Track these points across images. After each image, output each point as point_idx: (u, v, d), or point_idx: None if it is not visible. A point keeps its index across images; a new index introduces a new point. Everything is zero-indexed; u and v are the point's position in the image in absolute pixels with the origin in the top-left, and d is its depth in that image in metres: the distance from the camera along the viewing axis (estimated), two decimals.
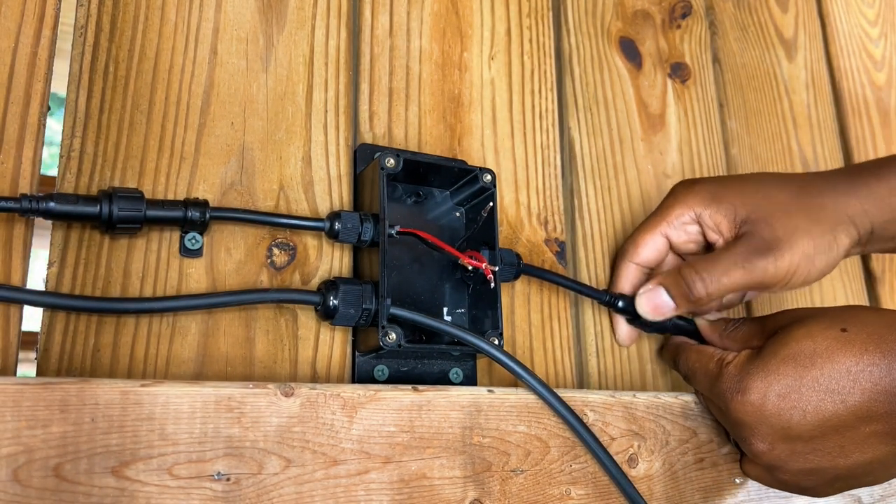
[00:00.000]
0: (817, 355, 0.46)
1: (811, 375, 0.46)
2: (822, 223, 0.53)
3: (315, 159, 0.50)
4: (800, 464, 0.48)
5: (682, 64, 0.72)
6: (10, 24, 0.42)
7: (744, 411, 0.48)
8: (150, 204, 0.42)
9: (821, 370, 0.46)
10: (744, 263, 0.52)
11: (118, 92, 0.45)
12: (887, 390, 0.44)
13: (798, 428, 0.47)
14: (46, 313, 0.41)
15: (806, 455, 0.48)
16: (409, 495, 0.43)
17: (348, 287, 0.45)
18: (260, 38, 0.51)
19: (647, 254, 0.57)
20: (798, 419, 0.46)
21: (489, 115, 0.59)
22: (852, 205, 0.55)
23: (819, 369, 0.46)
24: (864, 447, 0.46)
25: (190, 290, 0.44)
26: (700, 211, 0.55)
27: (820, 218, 0.54)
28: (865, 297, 0.78)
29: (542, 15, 0.64)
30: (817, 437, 0.47)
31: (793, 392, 0.46)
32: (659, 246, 0.57)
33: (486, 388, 0.47)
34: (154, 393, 0.37)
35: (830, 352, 0.46)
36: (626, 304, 0.56)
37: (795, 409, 0.46)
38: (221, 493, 0.38)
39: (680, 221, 0.56)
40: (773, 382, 0.47)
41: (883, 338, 0.45)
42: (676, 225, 0.56)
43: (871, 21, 0.92)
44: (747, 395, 0.48)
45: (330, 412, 0.41)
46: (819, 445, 0.47)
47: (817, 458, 0.48)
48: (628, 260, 0.58)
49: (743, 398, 0.48)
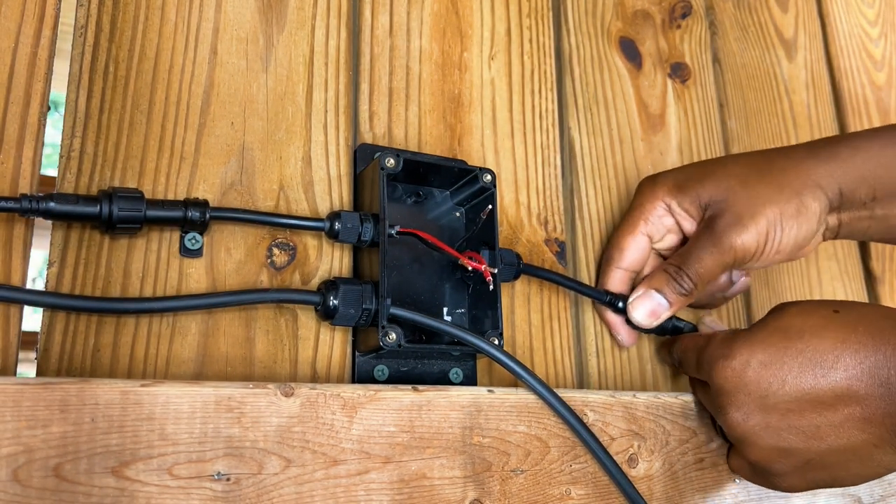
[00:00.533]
0: (805, 330, 0.46)
1: (796, 347, 0.46)
2: (785, 189, 0.53)
3: (315, 159, 0.50)
4: (773, 440, 0.47)
5: (682, 64, 0.72)
6: (10, 24, 0.42)
7: (724, 377, 0.48)
8: (150, 204, 0.42)
9: (807, 343, 0.46)
10: (712, 248, 0.52)
11: (118, 92, 0.45)
12: (870, 372, 0.44)
13: (775, 397, 0.46)
14: (46, 313, 0.41)
15: (780, 431, 0.47)
16: (409, 495, 0.43)
17: (348, 287, 0.45)
18: (260, 38, 0.51)
19: (632, 257, 0.57)
20: (776, 388, 0.46)
21: (489, 115, 0.59)
22: (816, 168, 0.54)
23: (805, 342, 0.46)
24: (839, 431, 0.45)
25: (190, 290, 0.44)
26: (669, 201, 0.56)
27: (783, 184, 0.53)
28: (865, 296, 0.78)
29: (542, 15, 0.64)
30: (794, 410, 0.46)
31: (775, 361, 0.46)
32: (643, 246, 0.57)
33: (486, 388, 0.47)
34: (154, 393, 0.37)
35: (819, 328, 0.46)
36: (625, 304, 0.56)
37: (775, 377, 0.46)
38: (221, 493, 0.38)
39: (656, 215, 0.56)
40: (758, 351, 0.47)
41: (873, 322, 0.45)
42: (653, 220, 0.56)
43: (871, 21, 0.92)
44: (730, 361, 0.48)
45: (330, 412, 0.41)
46: (794, 421, 0.46)
47: (791, 436, 0.47)
48: (615, 266, 0.57)
49: (725, 363, 0.48)
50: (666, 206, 0.56)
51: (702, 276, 0.53)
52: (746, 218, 0.52)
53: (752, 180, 0.54)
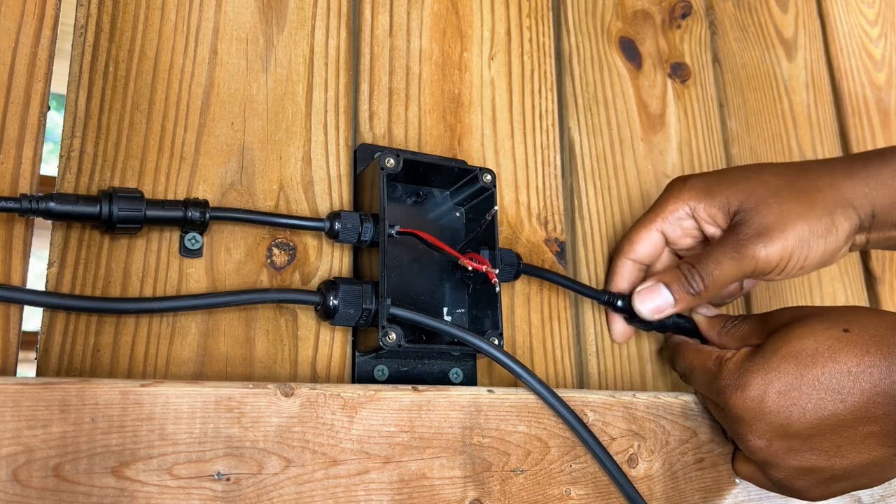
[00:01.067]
0: (819, 354, 0.46)
1: (812, 374, 0.46)
2: (818, 206, 0.52)
3: (315, 159, 0.50)
4: (796, 461, 0.48)
5: (682, 64, 0.72)
6: (10, 24, 0.42)
7: (743, 407, 0.48)
8: (150, 204, 0.42)
9: (822, 369, 0.46)
10: (733, 253, 0.52)
11: (118, 92, 0.45)
12: (886, 392, 0.44)
13: (797, 425, 0.46)
14: (46, 313, 0.41)
15: (803, 453, 0.47)
16: (409, 495, 0.43)
17: (348, 287, 0.45)
18: (260, 38, 0.51)
19: (643, 250, 0.57)
20: (797, 417, 0.46)
21: (489, 115, 0.59)
22: (851, 187, 0.53)
23: (820, 368, 0.46)
24: (860, 448, 0.46)
25: (190, 290, 0.44)
26: (694, 205, 0.55)
27: (815, 201, 0.53)
28: (865, 297, 0.78)
29: (542, 15, 0.64)
30: (815, 435, 0.47)
31: (793, 390, 0.46)
32: (655, 242, 0.57)
33: (486, 388, 0.47)
34: (154, 393, 0.37)
35: (832, 351, 0.46)
36: (624, 303, 0.56)
37: (795, 406, 0.46)
38: (221, 493, 0.38)
39: (675, 217, 0.56)
40: (774, 379, 0.47)
41: (884, 339, 0.45)
42: (671, 220, 0.56)
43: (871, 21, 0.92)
44: (747, 392, 0.48)
45: (330, 412, 0.41)
46: (816, 444, 0.47)
47: (814, 456, 0.47)
48: (624, 257, 0.57)
49: (742, 394, 0.48)
50: (689, 210, 0.55)
51: (716, 279, 0.52)
52: (775, 231, 0.51)
53: (786, 193, 0.53)
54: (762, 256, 0.51)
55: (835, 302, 0.74)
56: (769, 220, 0.52)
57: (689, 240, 0.57)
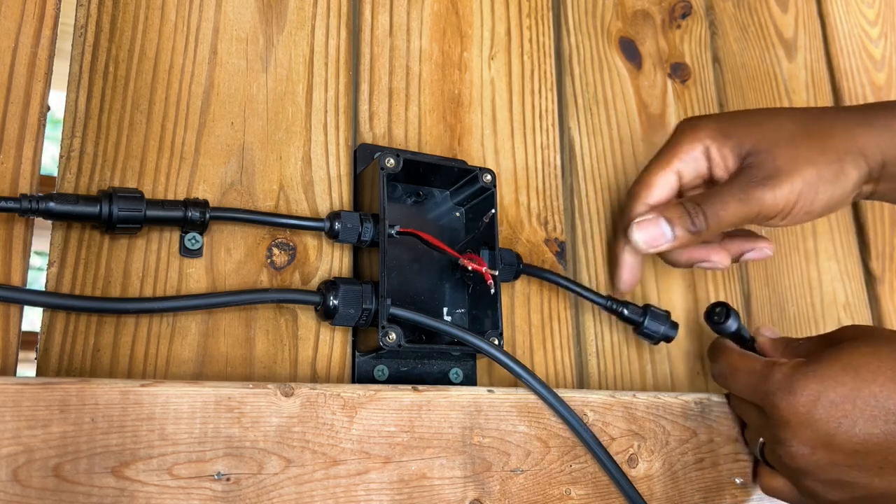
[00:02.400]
0: (881, 373, 0.46)
1: (870, 390, 0.45)
2: (828, 152, 0.52)
3: (315, 159, 0.50)
4: (836, 474, 0.47)
5: (682, 64, 0.72)
6: (10, 24, 0.42)
7: (792, 412, 0.47)
8: (150, 204, 0.42)
9: (881, 387, 0.45)
10: (741, 195, 0.51)
11: (118, 92, 0.45)
12: None
13: (844, 437, 0.46)
14: (46, 313, 0.41)
15: (845, 467, 0.47)
16: (409, 495, 0.43)
17: (348, 287, 0.45)
18: (260, 38, 0.51)
19: (660, 193, 0.55)
20: (846, 429, 0.46)
21: (489, 115, 0.59)
22: (865, 136, 0.53)
23: (879, 386, 0.45)
24: None
25: (190, 290, 0.44)
26: (709, 144, 0.54)
27: (826, 147, 0.52)
28: (865, 297, 0.78)
29: (542, 15, 0.64)
30: (861, 451, 0.46)
31: (847, 402, 0.46)
32: (671, 183, 0.55)
33: (486, 388, 0.47)
34: (154, 393, 0.37)
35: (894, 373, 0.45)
36: (632, 311, 0.56)
37: (847, 419, 0.46)
38: (221, 493, 0.38)
39: (691, 156, 0.54)
40: (829, 388, 0.46)
41: None
42: (688, 160, 0.54)
43: (871, 21, 0.92)
44: (799, 396, 0.47)
45: (330, 412, 0.41)
46: (861, 461, 0.46)
47: (855, 472, 0.46)
48: (641, 200, 0.55)
49: (794, 398, 0.47)
50: (704, 149, 0.54)
51: (720, 219, 0.51)
52: (783, 174, 0.51)
53: (799, 138, 0.52)
54: (769, 199, 0.51)
55: (835, 301, 0.74)
56: (779, 164, 0.51)
57: (699, 180, 0.55)
